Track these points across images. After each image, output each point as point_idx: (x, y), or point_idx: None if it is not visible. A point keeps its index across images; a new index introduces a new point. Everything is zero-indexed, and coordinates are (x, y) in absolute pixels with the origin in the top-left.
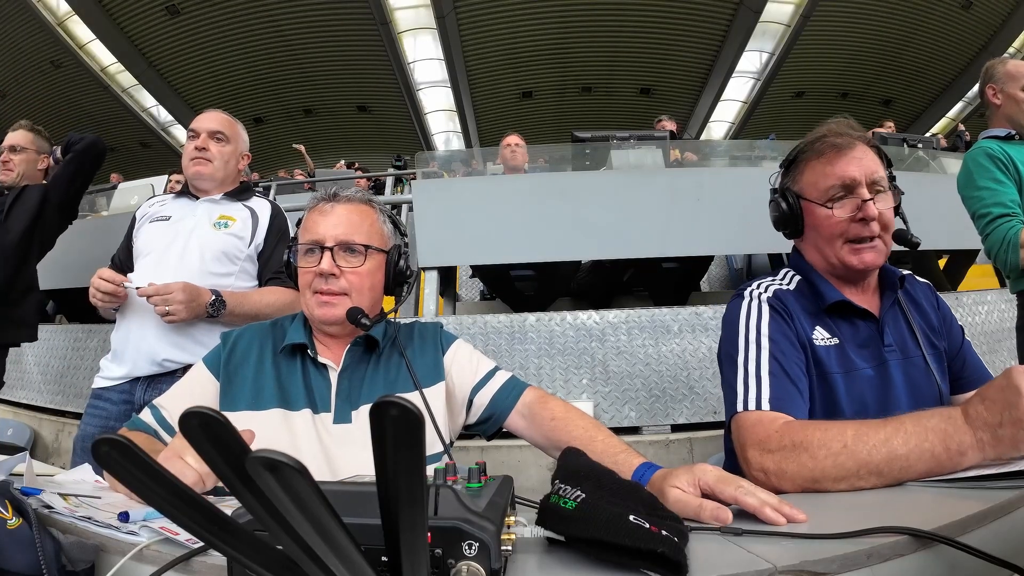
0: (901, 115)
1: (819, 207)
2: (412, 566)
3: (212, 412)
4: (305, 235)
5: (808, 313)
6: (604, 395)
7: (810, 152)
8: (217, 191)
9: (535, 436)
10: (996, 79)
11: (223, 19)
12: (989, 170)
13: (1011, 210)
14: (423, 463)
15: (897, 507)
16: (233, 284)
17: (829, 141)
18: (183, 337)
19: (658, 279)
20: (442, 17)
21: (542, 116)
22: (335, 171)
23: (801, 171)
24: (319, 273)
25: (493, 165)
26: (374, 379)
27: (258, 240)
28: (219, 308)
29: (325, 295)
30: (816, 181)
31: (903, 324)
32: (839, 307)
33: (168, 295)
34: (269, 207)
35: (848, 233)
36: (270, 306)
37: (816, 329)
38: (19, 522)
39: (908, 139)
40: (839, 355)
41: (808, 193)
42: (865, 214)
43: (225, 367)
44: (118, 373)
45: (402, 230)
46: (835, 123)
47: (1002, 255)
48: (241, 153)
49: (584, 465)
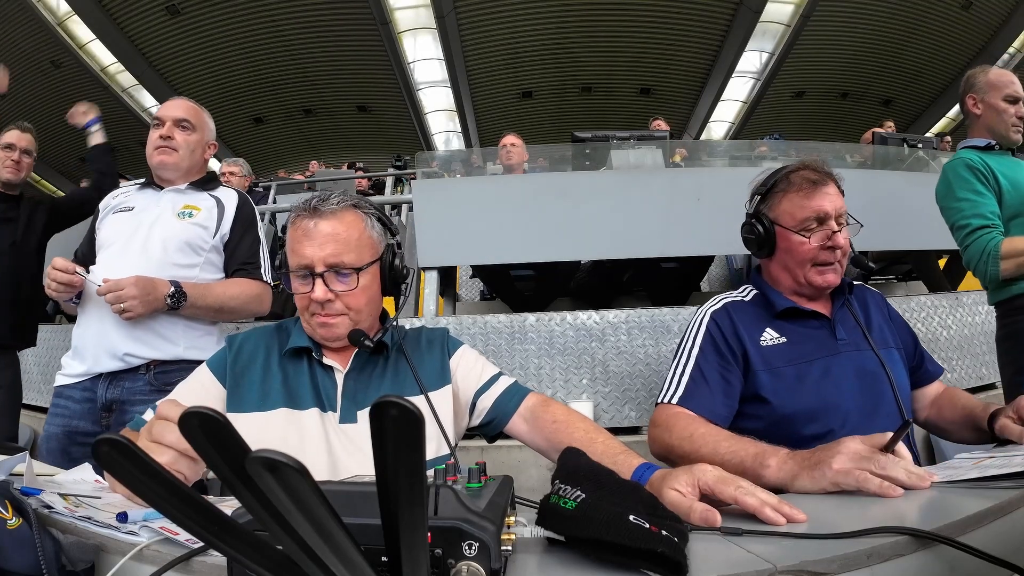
0: (901, 115)
1: (794, 234)
2: (412, 566)
3: (212, 412)
4: (293, 258)
5: (760, 319)
6: (604, 395)
7: (788, 184)
8: (182, 180)
9: (537, 439)
10: (976, 88)
11: (223, 19)
12: (968, 181)
13: (990, 221)
14: (423, 463)
15: (897, 507)
16: (198, 276)
17: (807, 176)
18: (144, 331)
19: (658, 279)
20: (442, 17)
21: (542, 116)
22: (335, 171)
23: (778, 200)
24: (314, 300)
25: (493, 165)
26: (381, 381)
27: (224, 230)
28: (179, 300)
29: (324, 317)
30: (793, 211)
31: (853, 323)
32: (789, 312)
33: (120, 291)
34: (236, 196)
35: (817, 258)
36: (235, 298)
37: (766, 331)
38: (19, 522)
39: (908, 139)
40: (786, 351)
41: (784, 221)
42: (834, 243)
43: (232, 370)
44: (79, 370)
45: (392, 228)
46: (810, 161)
47: (981, 267)
48: (207, 142)
49: (584, 465)
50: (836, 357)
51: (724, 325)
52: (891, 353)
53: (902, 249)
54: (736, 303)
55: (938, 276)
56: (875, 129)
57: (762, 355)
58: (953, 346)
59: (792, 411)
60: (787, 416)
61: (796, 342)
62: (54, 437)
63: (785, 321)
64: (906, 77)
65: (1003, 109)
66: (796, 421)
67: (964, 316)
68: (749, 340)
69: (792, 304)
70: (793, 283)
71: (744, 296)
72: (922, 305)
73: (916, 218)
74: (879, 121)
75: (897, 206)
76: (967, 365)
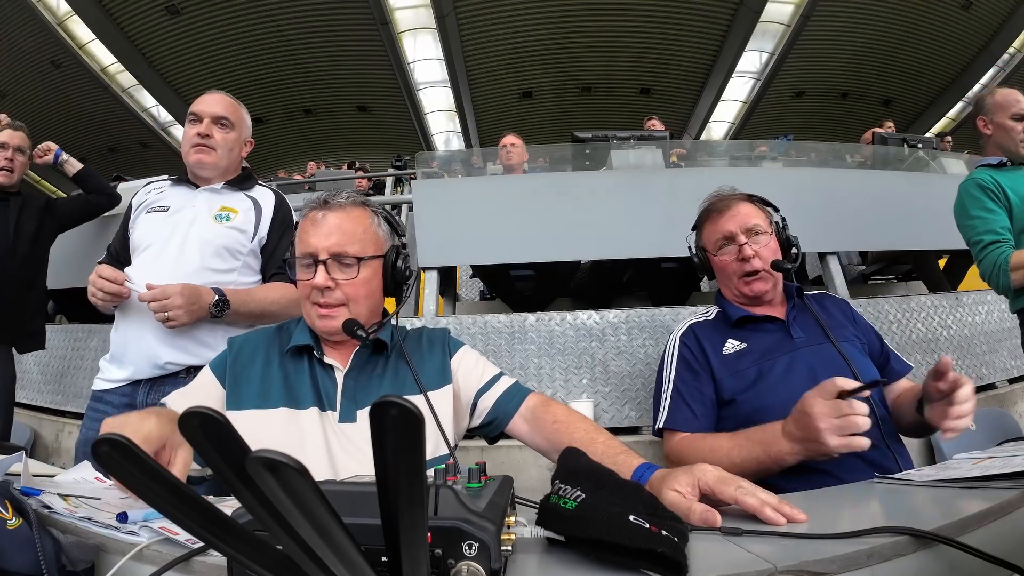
0: (901, 115)
1: (715, 256)
2: (412, 566)
3: (212, 412)
4: (300, 246)
5: (721, 332)
6: (604, 395)
7: (705, 215)
8: (218, 180)
9: (537, 439)
10: (985, 110)
11: (223, 19)
12: (980, 200)
13: (1001, 236)
14: (423, 463)
15: (897, 507)
16: (236, 280)
17: (714, 206)
18: (185, 339)
19: (658, 279)
20: (442, 17)
21: (542, 116)
22: (335, 171)
23: (703, 231)
24: (314, 287)
25: (493, 165)
26: (381, 381)
27: (261, 233)
28: (223, 308)
29: (323, 307)
30: (710, 237)
31: (812, 322)
32: (745, 320)
33: (166, 300)
34: (273, 197)
35: (738, 271)
36: (275, 303)
37: (728, 341)
38: (19, 522)
39: (908, 139)
40: (747, 354)
41: (709, 247)
42: (742, 255)
43: (231, 370)
44: (119, 376)
45: (400, 230)
46: (717, 191)
47: (994, 278)
48: (245, 140)
49: (584, 465)
50: (797, 353)
51: (691, 345)
52: (852, 345)
53: (902, 249)
54: (700, 323)
55: (938, 276)
56: (875, 129)
57: (725, 362)
58: (953, 346)
59: (757, 407)
60: (754, 411)
61: (756, 345)
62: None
63: (743, 329)
64: (906, 77)
65: (1011, 127)
66: (764, 416)
67: (964, 316)
68: (713, 353)
69: (746, 312)
70: (736, 295)
71: (708, 316)
72: (922, 305)
73: (916, 218)
74: (879, 121)
75: (897, 206)
76: (967, 365)
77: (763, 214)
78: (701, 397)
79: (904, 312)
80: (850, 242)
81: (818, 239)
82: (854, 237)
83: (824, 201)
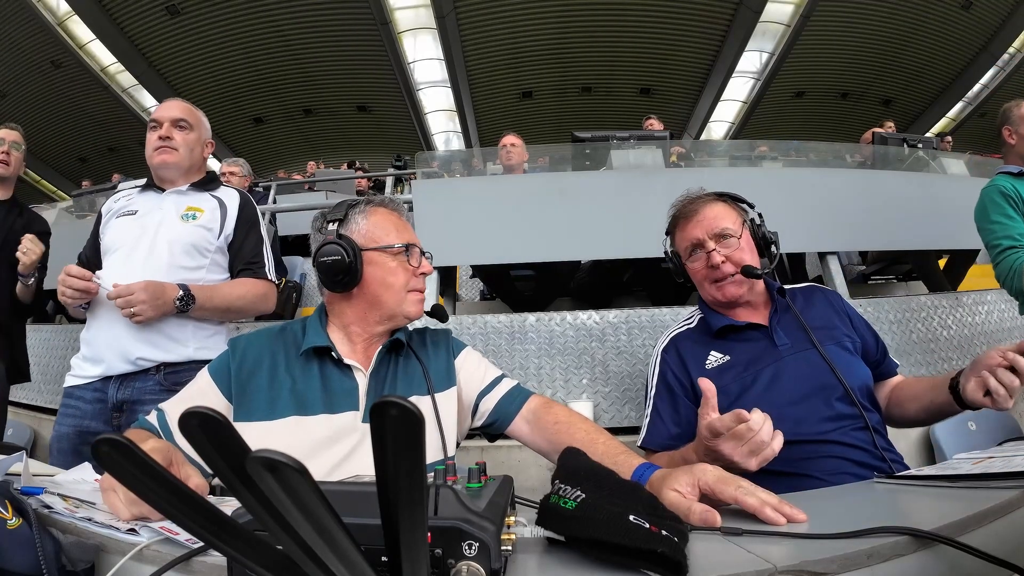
0: (901, 115)
1: (687, 263)
2: (412, 566)
3: (212, 412)
4: (396, 237)
5: (703, 344)
6: (604, 395)
7: (675, 222)
8: (183, 181)
9: (538, 440)
10: (1011, 121)
11: (223, 19)
12: (1001, 206)
13: (1018, 242)
14: (423, 463)
15: (897, 507)
16: (204, 277)
17: (680, 212)
18: (155, 334)
19: (658, 279)
20: (442, 17)
21: (542, 116)
22: (335, 171)
23: (674, 237)
24: (425, 274)
25: (493, 165)
26: (395, 381)
27: (227, 231)
28: (188, 303)
29: (423, 293)
30: (680, 243)
31: (795, 325)
32: (726, 330)
33: (130, 296)
34: (237, 196)
35: (709, 276)
36: (242, 298)
37: (711, 354)
38: (19, 522)
39: (908, 139)
40: (730, 368)
41: (681, 253)
42: (711, 262)
43: (236, 378)
44: (92, 372)
45: None
46: (686, 194)
47: (1009, 282)
48: (205, 140)
49: (584, 465)
50: (781, 362)
51: (672, 362)
52: (839, 347)
53: (902, 249)
54: (682, 334)
55: (938, 276)
56: (875, 129)
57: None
58: (953, 346)
59: None
60: None
61: (739, 357)
62: (65, 437)
63: (725, 340)
64: (906, 77)
65: None
66: None
67: (964, 316)
68: (695, 368)
69: (727, 322)
70: (711, 300)
71: (690, 324)
72: (922, 305)
73: (916, 218)
74: (879, 121)
75: (897, 206)
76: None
77: (734, 213)
78: (677, 417)
79: (904, 312)
80: (850, 242)
81: (818, 239)
82: (854, 237)
83: (824, 201)
